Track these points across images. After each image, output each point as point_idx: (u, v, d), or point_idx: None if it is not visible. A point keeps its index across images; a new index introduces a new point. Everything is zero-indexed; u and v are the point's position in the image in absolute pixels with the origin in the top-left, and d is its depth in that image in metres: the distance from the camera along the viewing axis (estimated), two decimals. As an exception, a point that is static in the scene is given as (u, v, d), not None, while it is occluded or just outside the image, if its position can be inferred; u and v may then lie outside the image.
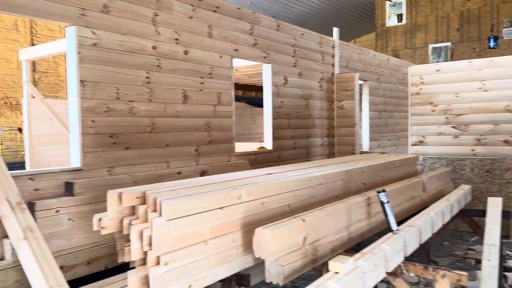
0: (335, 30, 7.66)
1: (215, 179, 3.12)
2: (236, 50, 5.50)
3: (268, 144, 6.22)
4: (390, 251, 2.66)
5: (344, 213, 3.03)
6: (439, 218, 3.73)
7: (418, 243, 3.19)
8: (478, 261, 4.86)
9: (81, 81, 3.81)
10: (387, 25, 16.89)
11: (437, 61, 14.14)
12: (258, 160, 5.93)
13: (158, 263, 2.21)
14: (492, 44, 13.92)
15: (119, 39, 4.12)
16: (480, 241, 5.77)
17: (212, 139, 5.18)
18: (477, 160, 6.40)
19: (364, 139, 8.70)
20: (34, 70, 12.85)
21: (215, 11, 5.18)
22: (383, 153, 8.06)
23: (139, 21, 4.30)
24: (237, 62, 5.94)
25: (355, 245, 3.20)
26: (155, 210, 2.46)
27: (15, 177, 3.23)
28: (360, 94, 8.57)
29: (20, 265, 3.19)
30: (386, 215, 2.93)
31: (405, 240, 2.91)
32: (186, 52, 4.81)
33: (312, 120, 7.08)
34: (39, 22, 13.01)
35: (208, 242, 2.41)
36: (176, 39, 4.70)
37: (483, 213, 4.30)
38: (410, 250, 3.02)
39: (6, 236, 3.23)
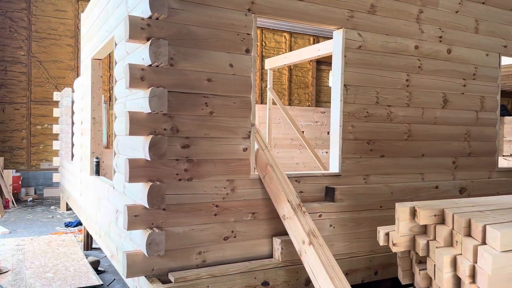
0: None
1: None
2: (505, 46, 4.63)
3: (538, 160, 5.07)
4: None
5: None
6: None
7: None
8: None
9: (345, 85, 3.72)
10: None
11: None
12: (525, 179, 4.87)
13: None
14: None
15: (383, 40, 3.88)
16: None
17: (472, 151, 4.47)
18: None
19: None
20: (261, 79, 14.19)
21: (483, 3, 4.45)
22: None
23: (403, 20, 3.98)
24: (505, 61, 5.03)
25: None
26: (468, 235, 2.05)
27: (286, 179, 3.31)
28: None
29: (289, 265, 3.24)
30: None
31: None
32: (449, 51, 4.25)
33: None
34: (268, 35, 14.32)
35: (547, 287, 1.86)
36: (440, 37, 4.19)
37: None
38: None
39: (276, 235, 3.34)
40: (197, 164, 3.02)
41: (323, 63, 14.81)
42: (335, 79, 3.79)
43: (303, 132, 9.39)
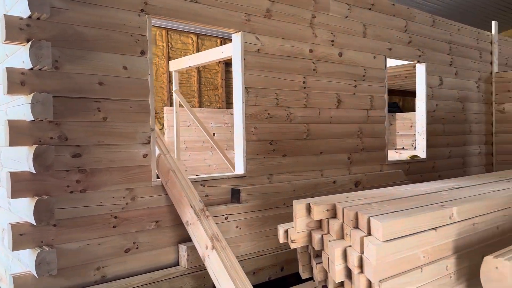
0: (494, 24, 6.73)
1: (402, 192, 2.76)
2: (390, 49, 5.07)
3: (421, 152, 5.64)
4: None
5: None
6: None
7: None
8: None
9: (246, 88, 3.77)
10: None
11: None
12: (411, 170, 5.39)
13: (374, 290, 1.94)
14: None
15: (280, 43, 4.01)
16: None
17: (364, 147, 4.82)
18: None
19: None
20: (170, 81, 13.89)
21: (370, 9, 4.83)
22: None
23: (298, 24, 4.15)
24: (390, 63, 5.50)
25: None
26: (356, 227, 2.19)
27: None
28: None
29: (196, 272, 3.20)
30: None
31: None
32: (340, 54, 4.54)
33: (469, 125, 6.28)
34: (174, 36, 14.06)
35: (423, 269, 2.06)
36: (332, 41, 4.45)
37: None
38: None
39: (182, 241, 3.27)
40: (90, 174, 2.84)
41: (231, 65, 14.89)
42: (236, 81, 3.83)
43: (214, 134, 9.37)
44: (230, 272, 2.41)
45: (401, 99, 18.30)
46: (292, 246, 2.46)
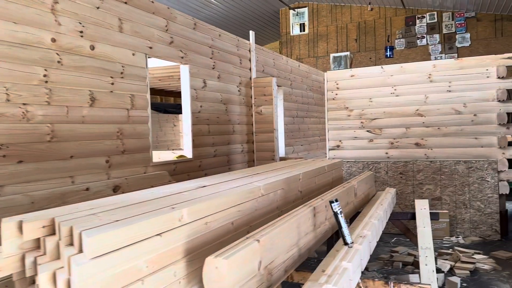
0: (251, 34, 7.43)
1: (142, 196, 2.58)
2: (150, 47, 4.92)
3: (187, 152, 5.71)
4: (351, 268, 2.39)
5: (294, 227, 2.70)
6: (380, 225, 3.61)
7: (369, 254, 2.99)
8: (405, 264, 4.92)
9: (-45, 78, 2.96)
10: (291, 34, 17.34)
11: (338, 70, 14.80)
12: (178, 170, 5.38)
13: (81, 318, 1.64)
14: (388, 53, 15.01)
15: (11, 28, 3.32)
16: (400, 242, 5.92)
17: (125, 148, 4.52)
18: (391, 163, 6.62)
19: (280, 145, 8.59)
20: None
21: (126, 3, 4.55)
22: (300, 158, 8.03)
23: (35, 8, 3.54)
24: (153, 62, 5.36)
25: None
26: (71, 244, 1.87)
27: None
28: (276, 99, 8.44)
29: None
30: (340, 227, 2.67)
31: (361, 253, 2.67)
32: (92, 47, 4.11)
33: (232, 125, 6.73)
34: None
35: (144, 280, 1.88)
36: (81, 31, 3.99)
37: (412, 216, 4.33)
38: (365, 263, 2.80)
39: None
40: None
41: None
42: None
43: None
44: None
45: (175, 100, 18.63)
46: (-4, 276, 1.95)
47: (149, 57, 4.91)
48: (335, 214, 2.65)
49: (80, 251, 1.75)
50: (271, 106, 7.11)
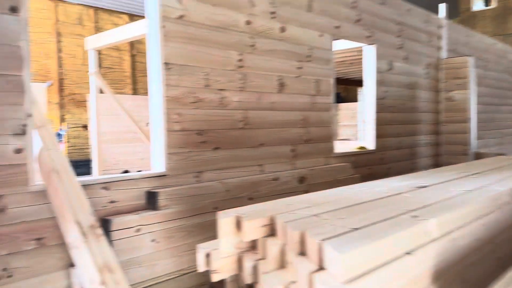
0: (442, 6, 6.41)
1: (354, 194, 2.15)
2: (337, 27, 4.49)
3: (369, 143, 5.16)
4: None
5: None
6: None
7: None
8: None
9: (166, 64, 2.99)
10: (472, 9, 15.07)
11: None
12: (359, 162, 4.88)
13: None
14: None
15: (210, 10, 3.26)
16: None
17: (309, 137, 4.22)
18: None
19: (472, 137, 7.34)
20: (99, 66, 12.61)
21: (315, -21, 4.20)
22: (501, 154, 6.70)
23: (232, -11, 3.43)
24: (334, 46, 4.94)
25: None
26: (302, 254, 1.53)
27: (85, 187, 2.46)
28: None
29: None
30: None
31: None
32: (283, 29, 3.87)
33: (418, 114, 5.91)
34: (104, 16, 12.77)
35: (396, 313, 1.44)
36: (273, 13, 3.77)
37: None
38: None
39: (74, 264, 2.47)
40: None
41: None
42: (152, 55, 3.03)
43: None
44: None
45: (343, 89, 18.14)
46: (215, 278, 1.76)
47: (335, 39, 4.49)
48: None
49: (321, 267, 1.40)
50: (465, 91, 6.04)
